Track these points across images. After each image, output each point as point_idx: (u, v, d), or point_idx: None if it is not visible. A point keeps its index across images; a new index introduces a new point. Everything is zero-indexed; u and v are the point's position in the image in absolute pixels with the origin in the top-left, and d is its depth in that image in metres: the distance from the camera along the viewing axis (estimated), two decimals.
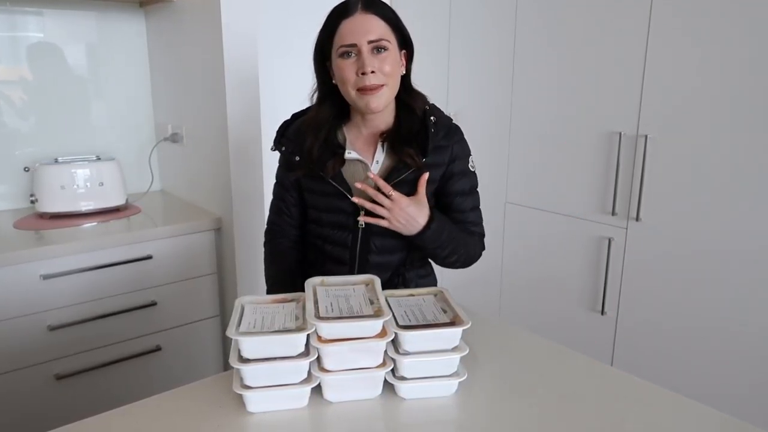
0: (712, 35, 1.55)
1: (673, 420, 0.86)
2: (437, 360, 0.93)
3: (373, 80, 1.08)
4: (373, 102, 1.10)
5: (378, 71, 1.08)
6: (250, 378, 0.87)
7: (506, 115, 2.14)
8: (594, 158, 1.87)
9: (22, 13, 2.00)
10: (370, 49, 1.08)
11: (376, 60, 1.08)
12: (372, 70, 1.07)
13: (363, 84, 1.08)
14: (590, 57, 1.84)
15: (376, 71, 1.08)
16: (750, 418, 1.57)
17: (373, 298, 0.97)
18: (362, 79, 1.08)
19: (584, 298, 1.97)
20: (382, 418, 0.88)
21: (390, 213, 1.10)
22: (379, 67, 1.08)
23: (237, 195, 1.88)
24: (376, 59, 1.08)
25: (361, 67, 1.08)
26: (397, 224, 1.11)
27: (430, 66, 2.36)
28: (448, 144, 1.19)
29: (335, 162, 1.16)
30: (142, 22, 2.23)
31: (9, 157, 2.03)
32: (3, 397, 1.61)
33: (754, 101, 1.49)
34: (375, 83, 1.08)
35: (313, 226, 1.26)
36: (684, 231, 1.67)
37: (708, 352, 1.66)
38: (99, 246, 1.70)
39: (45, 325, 1.64)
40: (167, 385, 1.02)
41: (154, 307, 1.84)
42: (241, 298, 1.00)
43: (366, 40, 1.07)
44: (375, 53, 1.08)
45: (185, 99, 2.08)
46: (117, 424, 0.86)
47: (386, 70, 1.09)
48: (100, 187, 1.95)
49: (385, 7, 1.12)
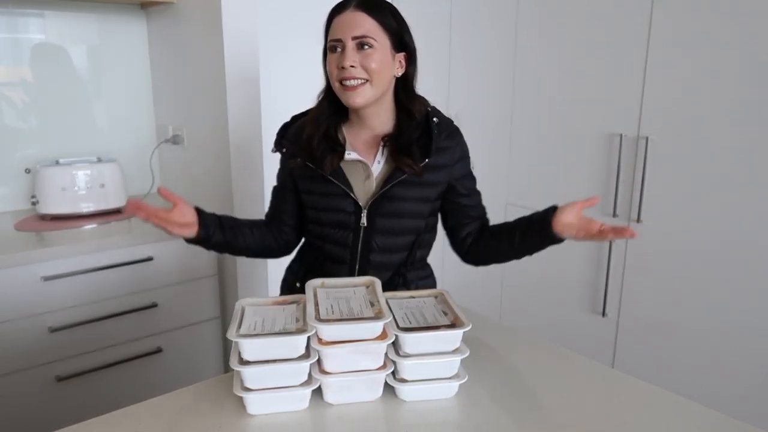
0: (713, 37, 1.55)
1: (674, 421, 0.86)
2: (438, 362, 0.93)
3: (353, 73, 1.09)
4: (352, 98, 1.11)
5: (360, 66, 1.09)
6: (251, 380, 0.87)
7: (507, 117, 2.14)
8: (595, 160, 1.87)
9: (24, 14, 2.00)
10: (354, 45, 1.09)
11: (358, 55, 1.09)
12: (351, 65, 1.08)
13: (343, 77, 1.10)
14: (591, 58, 1.84)
15: (357, 66, 1.09)
16: (750, 418, 1.57)
17: (373, 299, 0.97)
18: (342, 72, 1.10)
19: (585, 300, 1.97)
20: (383, 420, 0.88)
21: None
22: (361, 62, 1.09)
23: (238, 196, 1.88)
24: (359, 55, 1.09)
25: (341, 62, 1.09)
26: None
27: (431, 67, 2.36)
28: (451, 145, 1.20)
29: (333, 158, 1.16)
30: (143, 24, 2.24)
31: (10, 158, 2.04)
32: (3, 398, 1.61)
33: (754, 103, 1.49)
34: (354, 76, 1.09)
35: (312, 226, 1.26)
36: (685, 232, 1.67)
37: (709, 353, 1.66)
38: (100, 248, 1.70)
39: (46, 327, 1.64)
40: (168, 386, 1.02)
41: (154, 308, 1.84)
42: (241, 300, 1.00)
43: (351, 35, 1.09)
44: (359, 49, 1.10)
45: (186, 101, 2.08)
46: (117, 426, 0.86)
47: (370, 66, 1.09)
48: (100, 188, 1.95)
49: (383, 7, 1.13)
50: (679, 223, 1.68)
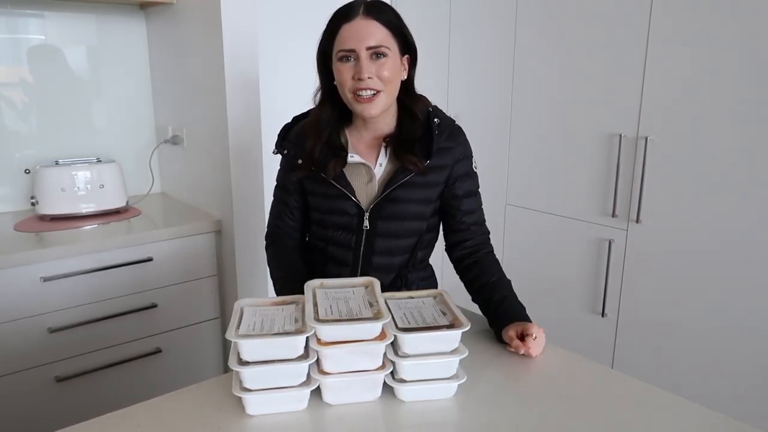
0: (712, 37, 1.55)
1: (674, 422, 0.86)
2: (437, 362, 0.93)
3: (369, 84, 1.08)
4: (367, 110, 1.10)
5: (375, 77, 1.08)
6: (250, 380, 0.87)
7: (506, 117, 2.14)
8: (594, 160, 1.87)
9: (23, 15, 2.00)
10: (368, 55, 1.08)
11: (374, 66, 1.08)
12: (369, 76, 1.07)
13: (358, 87, 1.08)
14: (590, 59, 1.84)
15: (373, 77, 1.08)
16: (750, 418, 1.57)
17: (372, 300, 0.97)
18: (358, 83, 1.08)
19: (585, 300, 1.97)
20: (382, 421, 0.88)
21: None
22: (377, 72, 1.08)
23: (237, 197, 1.88)
24: (374, 65, 1.08)
25: (357, 73, 1.08)
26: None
27: (430, 68, 2.37)
28: (452, 145, 1.20)
29: (337, 163, 1.16)
30: (142, 24, 2.24)
31: (9, 159, 2.04)
32: (3, 399, 1.61)
33: (753, 103, 1.49)
34: (371, 87, 1.08)
35: (315, 227, 1.26)
36: (684, 233, 1.67)
37: (708, 353, 1.66)
38: (99, 248, 1.71)
39: (45, 328, 1.64)
40: (167, 387, 1.02)
41: (154, 309, 1.84)
42: (240, 301, 1.00)
43: (365, 46, 1.07)
44: (373, 59, 1.08)
45: (186, 101, 2.08)
46: (117, 427, 0.86)
47: (385, 76, 1.09)
48: (100, 189, 1.95)
49: (389, 12, 1.11)
50: (679, 223, 1.68)
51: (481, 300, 1.19)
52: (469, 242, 1.25)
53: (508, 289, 1.18)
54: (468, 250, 1.25)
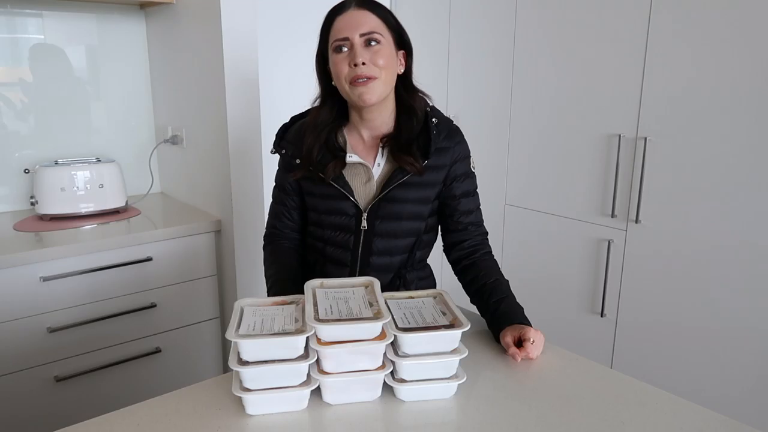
0: (711, 38, 1.55)
1: (673, 422, 0.86)
2: (436, 362, 0.93)
3: (365, 71, 1.08)
4: (365, 94, 1.10)
5: (370, 63, 1.09)
6: (250, 380, 0.87)
7: (506, 117, 2.14)
8: (593, 160, 1.87)
9: (23, 14, 2.00)
10: (362, 42, 1.09)
11: (368, 52, 1.09)
12: (363, 62, 1.08)
13: (355, 75, 1.09)
14: (590, 59, 1.84)
15: (367, 63, 1.09)
16: (749, 418, 1.57)
17: (372, 300, 0.97)
18: (354, 70, 1.09)
19: (584, 300, 1.97)
20: (382, 421, 0.88)
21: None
22: (371, 59, 1.09)
23: (237, 197, 1.88)
24: (368, 51, 1.09)
25: (352, 59, 1.09)
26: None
27: (430, 67, 2.37)
28: (450, 145, 1.20)
29: (336, 164, 1.16)
30: (142, 24, 2.24)
31: (9, 159, 2.04)
32: (2, 399, 1.61)
33: (752, 103, 1.49)
34: (366, 73, 1.09)
35: (313, 228, 1.26)
36: (683, 233, 1.67)
37: (707, 353, 1.66)
38: (99, 248, 1.70)
39: (44, 327, 1.64)
40: (167, 387, 1.02)
41: (153, 309, 1.84)
42: (240, 301, 1.00)
43: (358, 33, 1.09)
44: (367, 46, 1.10)
45: (185, 101, 2.08)
46: (116, 426, 0.86)
47: (379, 62, 1.09)
48: (99, 189, 1.95)
49: (381, 6, 1.14)
50: (678, 223, 1.68)
51: (479, 301, 1.19)
52: (467, 242, 1.25)
53: (506, 290, 1.18)
54: (466, 251, 1.25)
